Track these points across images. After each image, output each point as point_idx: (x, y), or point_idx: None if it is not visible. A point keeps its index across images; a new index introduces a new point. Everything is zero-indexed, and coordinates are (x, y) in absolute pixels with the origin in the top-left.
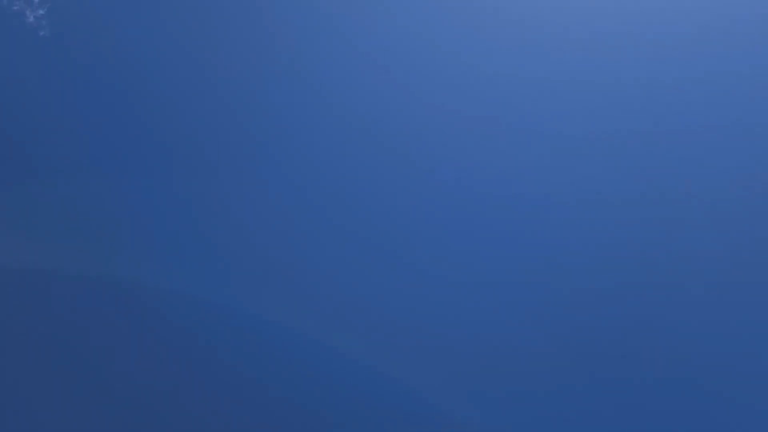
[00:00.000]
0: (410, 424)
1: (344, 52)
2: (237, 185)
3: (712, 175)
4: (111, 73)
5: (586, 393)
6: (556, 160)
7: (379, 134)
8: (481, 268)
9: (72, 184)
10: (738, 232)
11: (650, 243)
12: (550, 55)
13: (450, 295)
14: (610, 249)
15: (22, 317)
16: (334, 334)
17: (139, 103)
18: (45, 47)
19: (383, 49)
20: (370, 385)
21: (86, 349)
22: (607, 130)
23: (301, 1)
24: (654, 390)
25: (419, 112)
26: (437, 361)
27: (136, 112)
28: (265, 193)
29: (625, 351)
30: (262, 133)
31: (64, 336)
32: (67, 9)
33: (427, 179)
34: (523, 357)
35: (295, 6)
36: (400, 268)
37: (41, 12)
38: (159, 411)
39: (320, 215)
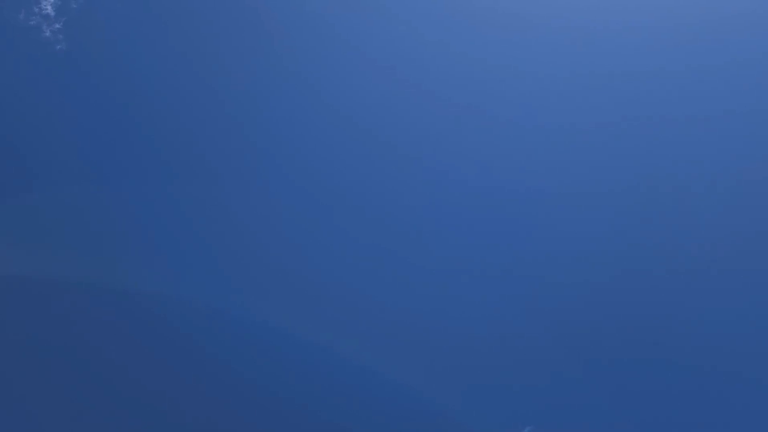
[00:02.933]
0: (412, 422)
1: (346, 55)
2: (239, 193)
3: (707, 169)
4: (124, 85)
5: (583, 385)
6: (552, 154)
7: (373, 133)
8: (477, 264)
9: (86, 191)
10: (732, 224)
11: (645, 235)
12: (547, 53)
13: (449, 292)
14: (605, 242)
15: (26, 324)
16: (336, 336)
17: (152, 114)
18: (61, 60)
19: (382, 50)
20: (371, 385)
21: (91, 356)
22: (604, 126)
23: (305, 7)
24: (650, 379)
25: (412, 112)
26: (437, 360)
27: (148, 121)
28: (266, 200)
29: (622, 342)
30: (264, 140)
31: (69, 343)
32: (83, 24)
33: (422, 177)
34: (520, 351)
35: (299, 14)
36: (398, 267)
37: (57, 26)
38: (163, 415)
39: (320, 218)
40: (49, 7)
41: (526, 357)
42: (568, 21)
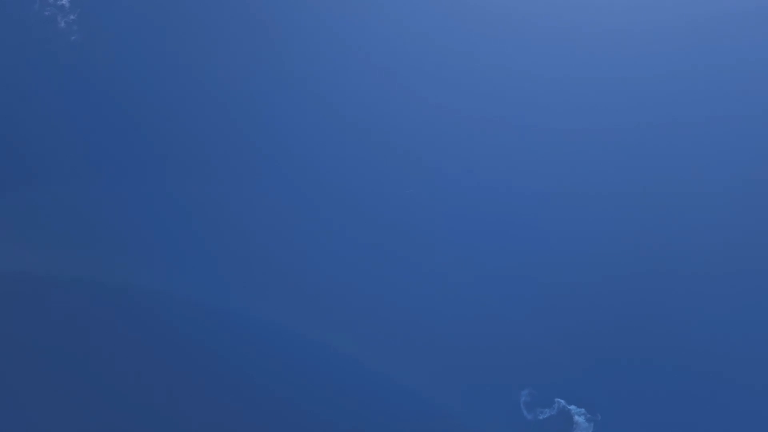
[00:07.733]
0: (415, 422)
1: (347, 55)
2: (238, 190)
3: (708, 170)
4: (137, 78)
5: (587, 385)
6: (557, 155)
7: (375, 134)
8: (480, 265)
9: (90, 187)
10: (732, 225)
11: (648, 237)
12: (549, 53)
13: (452, 293)
14: (609, 244)
15: (23, 320)
16: (337, 335)
17: (161, 106)
18: (75, 51)
19: (382, 50)
20: (373, 385)
21: (88, 352)
22: (606, 126)
23: (305, 7)
24: (655, 380)
25: (416, 113)
26: (440, 360)
27: (156, 114)
28: (265, 199)
29: (627, 344)
30: (263, 139)
31: (68, 339)
32: (97, 15)
33: (424, 178)
34: (524, 351)
35: (301, 16)
36: (400, 267)
37: (72, 17)
38: (161, 412)
39: (319, 218)
40: None
41: (530, 358)
42: (574, 22)
